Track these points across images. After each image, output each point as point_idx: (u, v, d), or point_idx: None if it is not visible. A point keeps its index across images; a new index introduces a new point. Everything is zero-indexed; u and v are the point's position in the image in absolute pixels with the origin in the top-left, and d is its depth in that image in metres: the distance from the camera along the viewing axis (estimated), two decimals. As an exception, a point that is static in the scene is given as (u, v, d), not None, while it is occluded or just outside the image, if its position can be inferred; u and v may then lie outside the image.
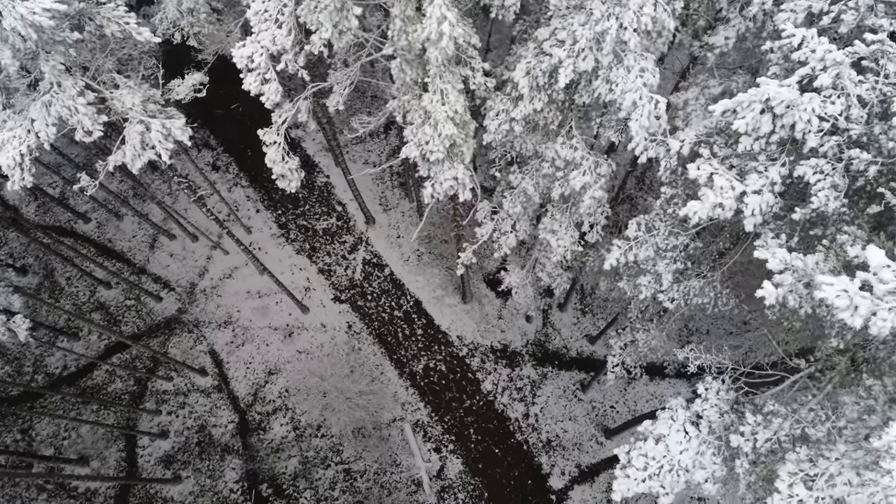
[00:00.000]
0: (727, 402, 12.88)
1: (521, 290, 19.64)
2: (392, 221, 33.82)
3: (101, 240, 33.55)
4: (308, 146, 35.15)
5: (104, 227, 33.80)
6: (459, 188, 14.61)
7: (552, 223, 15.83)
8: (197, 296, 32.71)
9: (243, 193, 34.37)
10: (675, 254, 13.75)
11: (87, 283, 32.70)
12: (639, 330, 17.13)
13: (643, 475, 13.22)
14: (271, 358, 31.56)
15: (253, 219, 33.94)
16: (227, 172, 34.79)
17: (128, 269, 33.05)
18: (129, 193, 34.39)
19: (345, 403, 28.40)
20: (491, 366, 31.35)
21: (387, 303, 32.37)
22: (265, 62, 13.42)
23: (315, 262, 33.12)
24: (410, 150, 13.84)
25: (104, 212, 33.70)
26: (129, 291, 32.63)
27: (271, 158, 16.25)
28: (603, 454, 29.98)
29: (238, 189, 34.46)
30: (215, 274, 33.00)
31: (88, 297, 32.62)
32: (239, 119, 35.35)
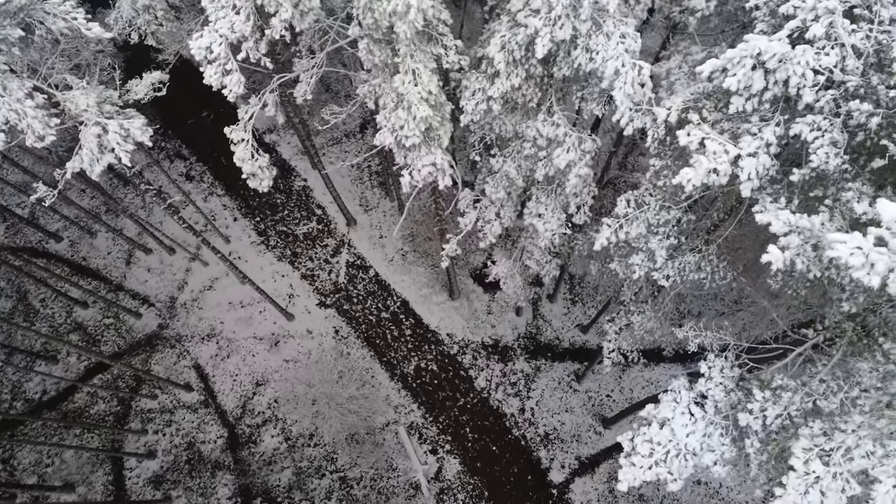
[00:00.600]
0: (732, 380, 12.23)
1: (510, 280, 18.93)
2: (374, 222, 32.99)
3: (74, 258, 32.42)
4: (283, 150, 34.26)
5: (77, 245, 32.66)
6: (439, 174, 13.86)
7: (538, 207, 15.12)
8: (178, 310, 31.67)
9: (220, 202, 33.38)
10: (667, 229, 13.09)
11: (63, 304, 31.55)
12: (633, 313, 16.46)
13: (649, 462, 12.53)
14: (258, 369, 30.60)
15: (231, 227, 32.96)
16: (202, 182, 33.79)
17: (104, 287, 31.95)
18: (102, 209, 33.28)
19: (336, 410, 27.54)
20: (483, 362, 30.61)
21: (373, 305, 31.54)
22: (225, 52, 12.60)
23: (297, 268, 32.21)
24: (384, 136, 13.08)
25: (76, 230, 32.57)
26: (107, 310, 31.53)
27: (240, 157, 15.41)
28: (602, 444, 29.35)
29: (214, 198, 33.47)
30: (195, 286, 31.98)
31: (65, 319, 31.47)
32: (211, 127, 34.39)
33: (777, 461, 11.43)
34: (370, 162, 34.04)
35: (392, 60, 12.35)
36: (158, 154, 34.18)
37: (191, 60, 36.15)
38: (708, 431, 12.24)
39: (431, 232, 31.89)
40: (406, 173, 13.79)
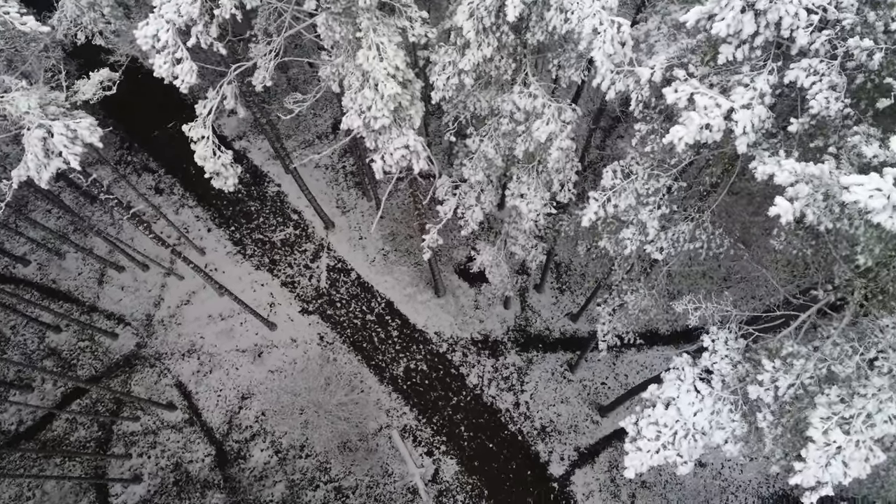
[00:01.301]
0: (738, 352, 11.46)
1: (495, 269, 18.08)
2: (352, 223, 32.00)
3: (44, 282, 31.05)
4: (255, 156, 33.17)
5: (46, 268, 31.30)
6: (413, 157, 12.97)
7: (520, 187, 14.29)
8: (155, 327, 30.44)
9: (192, 214, 32.20)
10: (658, 198, 12.31)
11: (35, 330, 30.18)
12: (626, 292, 15.68)
13: (656, 445, 11.70)
14: (242, 382, 29.47)
15: (205, 239, 31.79)
16: (172, 194, 32.58)
17: (77, 309, 30.62)
18: (70, 229, 31.96)
19: (326, 418, 26.52)
20: (474, 358, 29.74)
21: (357, 308, 30.54)
22: (173, 39, 11.61)
23: (277, 276, 31.13)
24: (352, 119, 12.16)
25: (44, 252, 31.22)
26: (81, 332, 30.21)
27: (201, 155, 14.38)
28: (600, 433, 28.59)
29: (186, 210, 32.28)
30: (172, 302, 30.77)
31: (38, 345, 30.10)
32: (178, 138, 33.14)
33: (793, 434, 10.68)
34: (345, 163, 33.06)
35: (354, 36, 11.45)
36: (125, 169, 32.93)
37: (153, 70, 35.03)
38: (716, 408, 11.45)
39: (412, 230, 30.99)
40: (378, 158, 12.88)
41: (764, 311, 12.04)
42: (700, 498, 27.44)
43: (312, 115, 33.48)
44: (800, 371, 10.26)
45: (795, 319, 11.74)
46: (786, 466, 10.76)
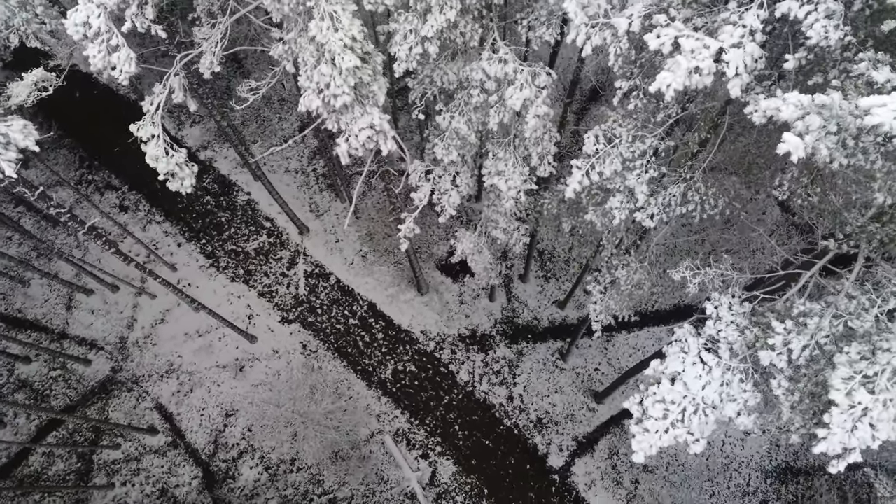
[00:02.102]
0: (744, 317, 10.59)
1: (477, 256, 17.11)
2: (327, 227, 30.86)
3: (8, 312, 29.46)
4: (221, 166, 31.87)
5: (10, 297, 29.72)
6: (379, 138, 11.95)
7: (496, 164, 13.33)
8: (130, 350, 29.02)
9: (160, 229, 30.82)
10: (644, 161, 11.42)
11: (3, 362, 28.60)
12: (617, 267, 14.79)
13: (664, 424, 10.78)
14: (225, 399, 28.18)
15: (176, 254, 30.44)
16: (138, 210, 31.18)
17: (46, 338, 29.10)
18: (32, 255, 30.40)
19: (314, 429, 25.29)
20: (463, 355, 28.74)
21: (339, 313, 29.39)
22: (106, 24, 10.48)
23: (253, 287, 29.87)
24: (310, 100, 11.11)
25: (6, 280, 29.65)
26: (53, 361, 28.70)
27: (153, 155, 13.25)
28: (597, 420, 27.75)
29: (153, 226, 30.90)
30: (146, 322, 29.38)
31: (7, 378, 28.52)
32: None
33: (812, 399, 9.82)
34: (315, 165, 31.92)
35: (304, 6, 10.41)
36: (87, 188, 31.46)
37: (110, 85, 33.57)
38: (726, 379, 10.56)
39: (389, 228, 29.93)
40: (342, 141, 11.84)
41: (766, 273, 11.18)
42: (703, 477, 26.69)
43: (278, 118, 32.30)
44: (814, 330, 9.40)
45: (798, 280, 10.92)
46: (807, 434, 9.91)
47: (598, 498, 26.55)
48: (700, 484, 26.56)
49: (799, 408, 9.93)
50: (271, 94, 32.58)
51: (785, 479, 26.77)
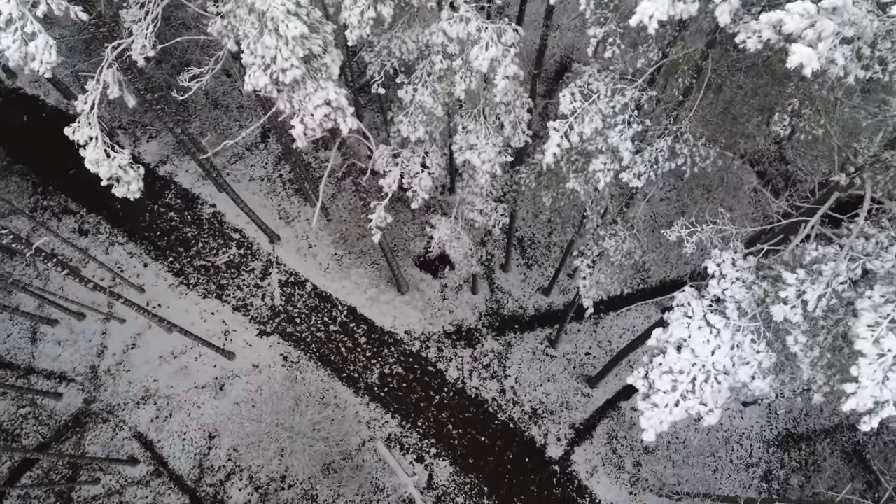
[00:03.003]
0: (750, 271, 9.69)
1: (455, 242, 16.07)
2: (298, 233, 29.59)
3: (-31, 351, 27.76)
4: (183, 179, 30.43)
5: (-31, 335, 28.01)
6: (337, 115, 10.85)
7: (467, 137, 12.31)
8: (102, 379, 27.45)
9: (123, 251, 29.29)
10: (626, 116, 10.46)
11: (-33, 405, 26.89)
12: (604, 238, 13.85)
13: (674, 397, 9.83)
14: (207, 420, 26.76)
15: (143, 275, 28.93)
16: (99, 233, 29.61)
17: (12, 374, 27.40)
18: (-10, 289, 28.69)
19: (302, 442, 24.05)
20: (450, 352, 27.66)
21: (318, 320, 28.14)
22: (17, 9, 9.26)
23: (227, 301, 28.48)
24: (256, 78, 9.98)
25: (-36, 318, 27.94)
26: (21, 398, 27.02)
27: (92, 159, 12.00)
28: (593, 406, 26.85)
29: (116, 248, 29.35)
30: (116, 348, 27.83)
31: (-27, 420, 26.82)
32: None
33: (834, 352, 8.93)
34: (280, 171, 30.63)
35: (239, -30, 9.29)
36: (43, 214, 29.81)
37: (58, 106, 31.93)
38: (736, 340, 9.64)
39: (362, 228, 28.77)
40: (297, 122, 10.71)
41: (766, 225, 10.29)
42: (706, 453, 25.92)
43: (238, 126, 30.96)
44: (830, 277, 8.51)
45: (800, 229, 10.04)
46: (832, 392, 9.01)
47: (601, 485, 25.65)
48: (703, 460, 25.79)
49: (820, 364, 9.03)
50: (229, 101, 31.27)
51: (787, 447, 26.11)
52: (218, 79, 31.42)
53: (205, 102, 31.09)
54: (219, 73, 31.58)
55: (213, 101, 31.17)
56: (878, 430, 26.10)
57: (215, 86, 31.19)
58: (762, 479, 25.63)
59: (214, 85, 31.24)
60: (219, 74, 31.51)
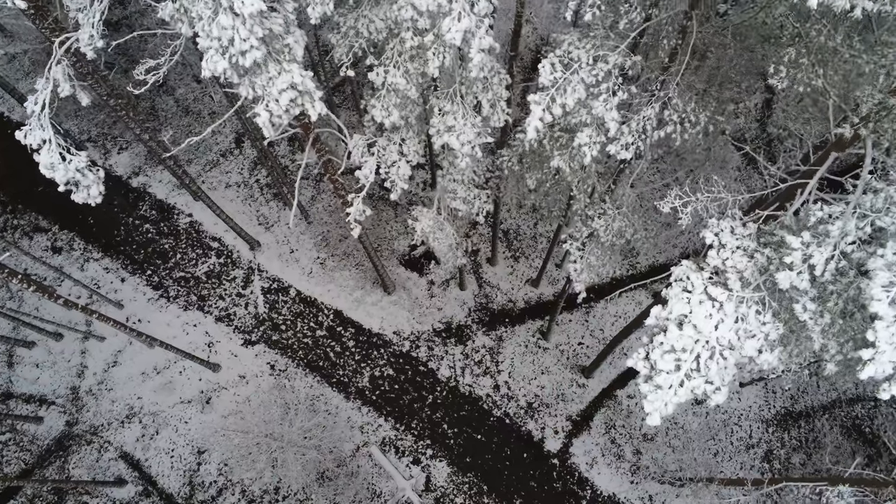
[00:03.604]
0: (751, 238, 9.11)
1: (439, 234, 15.40)
2: (279, 238, 28.76)
3: (-57, 379, 26.64)
4: (157, 190, 29.47)
5: (-58, 362, 26.89)
6: (305, 100, 10.14)
7: (445, 120, 11.64)
8: (84, 399, 26.45)
9: (99, 266, 28.29)
10: (611, 84, 9.85)
11: (-57, 435, 25.78)
12: (593, 218, 13.25)
13: (678, 377, 9.22)
14: (195, 435, 25.85)
15: (121, 290, 27.96)
16: (73, 250, 28.58)
17: (-11, 401, 26.35)
18: (-38, 314, 27.56)
19: (294, 452, 23.23)
20: (440, 350, 26.97)
21: (304, 326, 27.33)
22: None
23: (209, 312, 27.58)
24: (214, 62, 9.24)
25: (-64, 345, 26.82)
26: (0, 425, 25.96)
27: (47, 163, 11.22)
28: (589, 396, 26.28)
29: (91, 264, 28.35)
30: (97, 367, 26.84)
31: (-50, 451, 25.71)
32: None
33: (846, 318, 8.36)
34: (257, 175, 29.79)
35: (187, -55, 8.56)
36: (13, 234, 28.74)
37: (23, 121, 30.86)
38: (740, 313, 9.04)
39: (344, 230, 27.99)
40: (261, 109, 9.98)
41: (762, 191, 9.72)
42: (705, 436, 25.45)
43: (211, 133, 30.07)
44: (838, 237, 7.93)
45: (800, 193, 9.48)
46: (846, 361, 8.44)
47: (602, 476, 25.08)
48: (703, 444, 25.30)
49: (831, 331, 8.45)
50: (200, 108, 30.38)
51: (786, 425, 25.70)
52: (188, 86, 30.58)
53: (176, 110, 30.18)
54: (189, 80, 30.75)
55: (184, 108, 30.27)
56: (876, 402, 25.79)
57: (185, 93, 30.31)
58: (763, 459, 25.19)
59: (185, 92, 30.36)
60: (189, 81, 30.69)
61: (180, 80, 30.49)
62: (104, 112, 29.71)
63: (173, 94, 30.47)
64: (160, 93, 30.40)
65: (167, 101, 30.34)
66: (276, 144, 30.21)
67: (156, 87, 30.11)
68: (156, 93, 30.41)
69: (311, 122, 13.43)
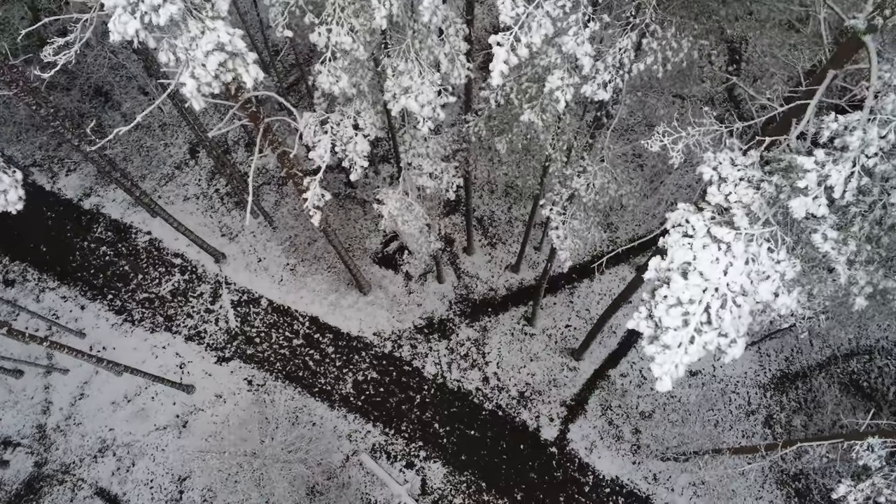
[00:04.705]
0: (755, 167, 7.99)
1: (408, 216, 14.09)
2: (245, 248, 27.21)
3: None
4: (112, 210, 27.72)
5: None
6: (237, 64, 8.80)
7: (400, 80, 10.39)
8: (52, 437, 24.60)
9: (56, 296, 26.46)
10: (580, 14, 8.68)
11: None
12: (572, 177, 12.08)
13: (687, 333, 8.05)
14: (174, 463, 24.17)
15: (81, 318, 26.15)
16: (27, 281, 26.69)
17: (-52, 449, 24.39)
18: (-89, 360, 25.53)
19: (281, 469, 21.77)
20: (424, 347, 25.65)
21: (280, 336, 25.81)
22: None
23: (178, 332, 25.92)
24: (123, 24, 7.83)
25: None
26: (-39, 473, 24.04)
27: (-48, 167, 9.65)
28: (581, 379, 25.16)
29: (48, 293, 26.50)
30: (63, 402, 25.01)
31: None
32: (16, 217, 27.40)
33: (874, 244, 7.26)
34: (216, 185, 28.20)
35: None
36: (-39, 271, 26.79)
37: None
38: (751, 253, 7.90)
39: (311, 232, 26.56)
40: (186, 76, 8.61)
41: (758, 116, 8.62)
42: (704, 407, 24.49)
43: (164, 145, 28.40)
44: (857, 151, 6.82)
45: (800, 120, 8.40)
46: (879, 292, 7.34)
47: (603, 459, 23.95)
48: (702, 415, 24.34)
49: (858, 260, 7.35)
50: (151, 121, 28.68)
51: (784, 388, 24.86)
52: (135, 99, 28.91)
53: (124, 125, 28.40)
54: (135, 93, 29.09)
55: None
56: (871, 355, 25.08)
57: (132, 106, 28.62)
58: (764, 424, 24.30)
59: (132, 105, 28.68)
60: (135, 94, 29.03)
61: (126, 94, 28.81)
62: (46, 133, 27.91)
63: (119, 108, 28.77)
64: (105, 108, 28.68)
65: (114, 116, 28.62)
66: (233, 151, 28.69)
67: (102, 103, 28.49)
68: (101, 108, 28.68)
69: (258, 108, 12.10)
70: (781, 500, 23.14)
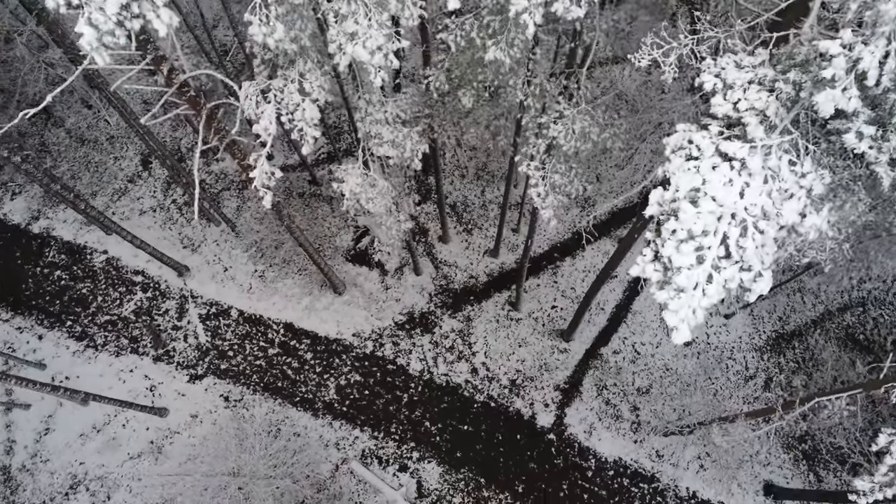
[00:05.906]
0: (766, 66, 6.73)
1: (371, 192, 12.62)
2: (209, 258, 25.48)
3: None
4: (63, 231, 25.80)
5: None
6: (143, 7, 7.31)
7: (346, 26, 8.94)
8: (18, 478, 22.61)
9: (10, 328, 24.46)
10: (542, -84, 7.34)
11: None
12: (548, 125, 10.75)
13: (704, 271, 6.74)
14: (153, 492, 22.32)
15: (40, 349, 24.19)
16: (-23, 315, 24.69)
17: None
18: None
19: (266, 485, 20.08)
20: (407, 343, 24.17)
21: (254, 347, 24.13)
22: None
23: (145, 354, 24.09)
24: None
25: None
26: (-80, 528, 21.96)
27: None
28: (573, 360, 23.90)
29: (1, 326, 24.51)
30: (27, 439, 23.05)
31: None
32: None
33: (920, 134, 6.00)
34: (173, 195, 26.43)
35: None
36: None
37: None
38: (770, 167, 6.61)
39: (277, 233, 24.91)
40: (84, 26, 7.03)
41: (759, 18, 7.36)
42: (702, 377, 23.37)
43: (113, 159, 26.57)
44: (894, 24, 5.57)
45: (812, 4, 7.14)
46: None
47: (603, 441, 22.69)
48: (700, 385, 23.21)
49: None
50: (96, 134, 26.84)
51: (780, 349, 23.86)
52: (79, 113, 27.03)
53: (69, 142, 26.57)
54: (80, 107, 27.21)
55: (79, 138, 26.70)
56: (864, 307, 24.21)
57: (77, 121, 26.74)
58: (764, 388, 23.26)
59: (76, 121, 26.80)
60: (79, 108, 27.15)
61: (69, 110, 26.92)
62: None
63: (63, 125, 26.85)
64: (49, 126, 26.75)
65: (58, 133, 26.70)
66: (187, 159, 26.94)
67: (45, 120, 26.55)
68: (44, 126, 26.76)
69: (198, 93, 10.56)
70: (790, 464, 22.10)
